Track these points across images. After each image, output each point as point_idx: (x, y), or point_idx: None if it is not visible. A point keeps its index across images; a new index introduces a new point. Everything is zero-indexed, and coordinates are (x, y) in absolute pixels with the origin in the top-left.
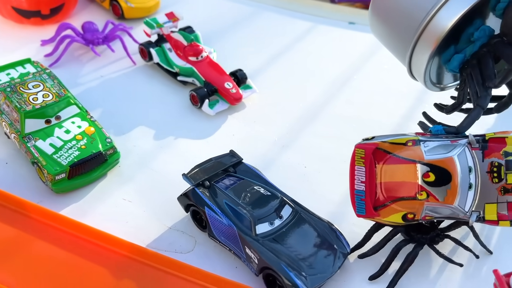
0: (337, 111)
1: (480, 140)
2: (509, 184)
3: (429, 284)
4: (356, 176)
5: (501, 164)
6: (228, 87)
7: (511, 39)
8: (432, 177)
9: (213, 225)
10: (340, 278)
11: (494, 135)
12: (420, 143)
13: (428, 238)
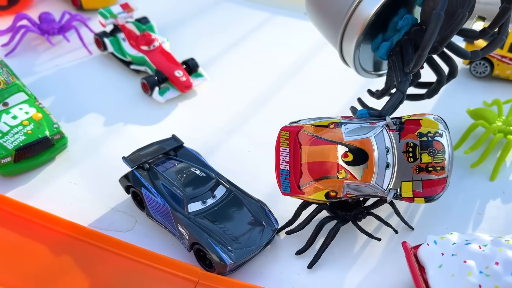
0: (286, 99)
1: (397, 122)
2: (423, 163)
3: (352, 258)
4: (281, 157)
5: (416, 144)
6: (178, 75)
7: (424, 25)
8: (350, 157)
9: (150, 204)
10: (270, 254)
11: (410, 117)
12: (342, 125)
13: (352, 215)
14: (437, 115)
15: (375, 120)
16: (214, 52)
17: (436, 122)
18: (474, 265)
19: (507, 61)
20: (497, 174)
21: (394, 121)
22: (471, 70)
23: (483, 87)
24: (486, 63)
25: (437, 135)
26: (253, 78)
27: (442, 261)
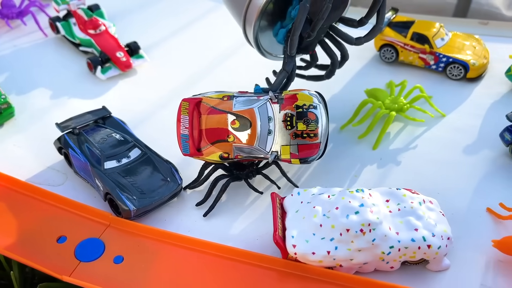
0: (218, 78)
1: (278, 96)
2: (299, 130)
3: (242, 209)
4: (182, 123)
5: (293, 115)
6: (119, 56)
7: (312, 16)
8: (237, 124)
9: (75, 163)
10: (175, 205)
11: (289, 92)
12: (233, 98)
13: (244, 174)
14: (315, 91)
15: (261, 95)
16: (158, 37)
17: (311, 96)
18: (320, 209)
19: (409, 49)
20: (378, 144)
21: (276, 95)
22: (381, 56)
23: (391, 71)
24: (392, 50)
25: (311, 107)
26: (191, 60)
27: (299, 207)
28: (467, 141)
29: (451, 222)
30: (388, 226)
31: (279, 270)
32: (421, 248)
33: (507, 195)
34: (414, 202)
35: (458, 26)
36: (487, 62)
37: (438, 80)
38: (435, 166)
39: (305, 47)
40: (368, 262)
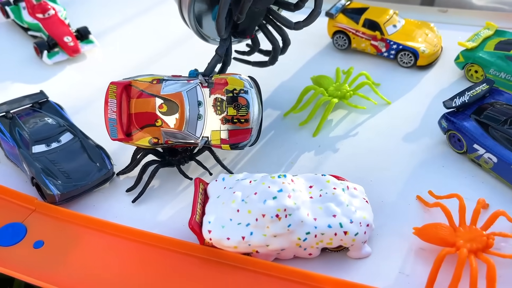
0: (167, 65)
1: (208, 80)
2: (229, 115)
3: (171, 196)
4: (109, 107)
5: (223, 99)
6: (67, 41)
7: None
8: (165, 108)
9: (4, 146)
10: (106, 191)
11: (219, 76)
12: (163, 82)
13: (176, 160)
14: (248, 75)
15: (192, 78)
16: (111, 23)
17: (241, 81)
18: (240, 195)
19: (361, 35)
20: (318, 131)
21: (206, 79)
22: (334, 43)
23: (344, 58)
24: (345, 37)
25: (242, 92)
26: (141, 46)
27: (221, 193)
28: (408, 129)
29: (380, 209)
30: (306, 212)
31: (197, 256)
32: (337, 234)
33: (440, 182)
34: (337, 188)
35: (418, 13)
36: (439, 50)
37: (390, 68)
38: (372, 153)
39: (242, 31)
40: (286, 249)
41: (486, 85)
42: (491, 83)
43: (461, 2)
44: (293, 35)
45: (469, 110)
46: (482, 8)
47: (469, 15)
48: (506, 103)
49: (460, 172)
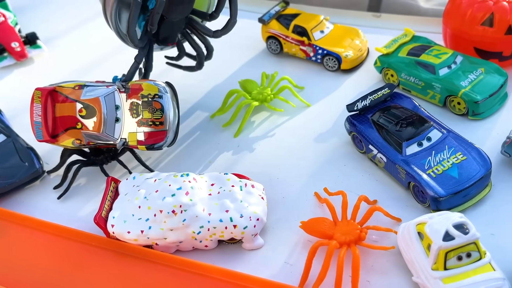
0: (109, 68)
1: (125, 86)
2: (144, 118)
3: (95, 192)
4: (35, 111)
5: (138, 103)
6: (14, 46)
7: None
8: (84, 112)
9: None
10: (36, 188)
11: (135, 82)
12: (84, 87)
13: (99, 159)
14: (166, 81)
15: (111, 84)
16: (62, 27)
17: (155, 86)
18: (143, 192)
19: (291, 41)
20: (239, 132)
21: (123, 84)
22: (268, 48)
23: (277, 62)
24: (277, 42)
25: (156, 97)
26: (88, 51)
27: (129, 190)
28: (321, 130)
29: (280, 205)
30: (202, 207)
31: (104, 248)
32: (228, 228)
33: (339, 180)
34: (235, 186)
35: (354, 18)
36: (363, 54)
37: (318, 71)
38: (284, 153)
39: (163, 40)
40: (183, 241)
41: (388, 89)
42: (392, 88)
43: (407, 7)
44: (233, 40)
45: (370, 113)
46: (427, 13)
47: (402, 20)
48: (403, 107)
49: (358, 170)
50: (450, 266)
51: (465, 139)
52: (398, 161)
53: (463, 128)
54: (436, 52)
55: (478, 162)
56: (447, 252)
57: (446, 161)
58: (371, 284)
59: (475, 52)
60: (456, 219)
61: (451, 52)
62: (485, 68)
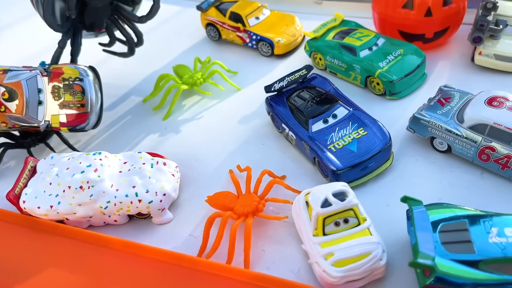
0: None
1: (47, 69)
2: (66, 101)
3: None
4: None
5: (60, 86)
6: None
7: None
8: (6, 95)
9: None
10: None
11: (57, 65)
12: (8, 72)
13: (26, 142)
14: (89, 65)
15: (33, 68)
16: (9, 18)
17: (76, 70)
18: (56, 170)
19: (227, 27)
20: (168, 115)
21: (45, 68)
22: (207, 35)
23: (217, 48)
24: (215, 29)
25: (77, 80)
26: (38, 40)
27: (44, 169)
28: (246, 112)
29: (195, 182)
30: (110, 183)
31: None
32: (133, 202)
33: (256, 158)
34: (146, 164)
35: (295, 5)
36: (296, 39)
37: (254, 57)
38: (208, 134)
39: (90, 26)
40: (93, 216)
41: (305, 70)
42: (309, 69)
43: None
44: (176, 27)
45: (286, 94)
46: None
47: (341, 6)
48: (318, 87)
49: (274, 149)
50: (328, 231)
51: (369, 116)
52: (304, 138)
53: (381, 107)
54: (359, 35)
55: (378, 137)
56: (324, 218)
57: (347, 136)
58: (265, 252)
59: (400, 35)
60: (337, 188)
61: (373, 34)
62: (404, 49)
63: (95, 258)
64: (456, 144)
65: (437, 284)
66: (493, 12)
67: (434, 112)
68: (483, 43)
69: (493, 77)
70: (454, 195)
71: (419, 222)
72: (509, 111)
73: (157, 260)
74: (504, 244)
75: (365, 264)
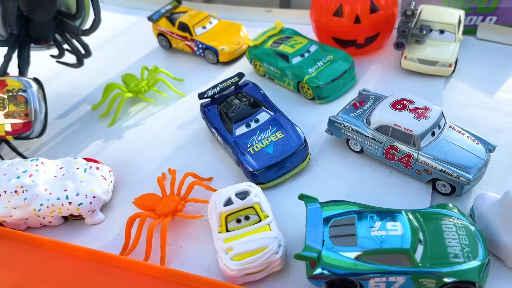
0: None
1: None
2: (10, 111)
3: None
4: None
5: (4, 98)
6: None
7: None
8: None
9: None
10: None
11: (1, 78)
12: None
13: None
14: (34, 77)
15: None
16: None
17: (19, 82)
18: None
19: (176, 37)
20: (114, 122)
21: None
22: (159, 44)
23: (167, 56)
24: (166, 39)
25: (20, 91)
26: None
27: None
28: (187, 117)
29: (129, 185)
30: (44, 187)
31: None
32: (64, 205)
33: (188, 162)
34: (79, 168)
35: (248, 14)
36: (241, 47)
37: (201, 64)
38: (148, 139)
39: (36, 39)
40: (29, 218)
41: (237, 78)
42: (241, 76)
43: None
44: (131, 37)
45: (219, 100)
46: None
47: (290, 14)
48: (248, 94)
49: (207, 152)
50: (231, 228)
51: (289, 120)
52: (229, 141)
53: (311, 111)
54: (292, 43)
55: (293, 140)
56: (227, 215)
57: (266, 139)
58: (183, 249)
59: (334, 42)
60: (241, 187)
61: (306, 41)
62: (334, 55)
63: (26, 258)
64: (366, 145)
65: (322, 275)
66: (413, 18)
67: (347, 115)
68: (408, 48)
69: (419, 80)
70: (362, 192)
71: (311, 217)
72: (410, 113)
73: (81, 258)
74: (383, 237)
75: (261, 258)
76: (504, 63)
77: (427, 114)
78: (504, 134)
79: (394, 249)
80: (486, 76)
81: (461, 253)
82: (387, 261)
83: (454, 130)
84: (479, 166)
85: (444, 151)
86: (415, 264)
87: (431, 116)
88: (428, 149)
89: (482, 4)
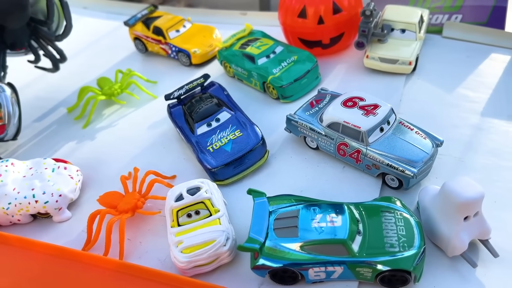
0: None
1: None
2: None
3: None
4: None
5: None
6: None
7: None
8: None
9: None
10: None
11: None
12: None
13: None
14: (8, 82)
15: None
16: None
17: None
18: None
19: (151, 41)
20: (88, 123)
21: None
22: (136, 48)
23: (144, 60)
24: (142, 43)
25: None
26: None
27: None
28: (157, 118)
29: (98, 183)
30: (13, 187)
31: None
32: (30, 203)
33: (154, 161)
34: (48, 168)
35: (223, 17)
36: (213, 50)
37: (175, 67)
38: (119, 140)
39: (11, 45)
40: None
41: (203, 79)
42: (206, 77)
43: None
44: (109, 42)
45: (184, 101)
46: None
47: (263, 17)
48: (213, 94)
49: (172, 151)
50: (182, 222)
51: (248, 119)
52: (191, 140)
53: (275, 110)
54: (259, 44)
55: (251, 138)
56: (178, 210)
57: (225, 138)
58: (142, 244)
59: (301, 43)
60: (193, 184)
61: (272, 43)
62: (298, 55)
63: None
64: (320, 142)
65: (264, 265)
66: (373, 18)
67: (303, 113)
68: (370, 47)
69: (381, 79)
70: (314, 187)
71: (257, 211)
72: (359, 110)
73: (45, 253)
74: (323, 229)
75: (209, 250)
76: (467, 61)
77: (376, 111)
78: (460, 130)
79: (332, 239)
80: (449, 74)
81: (397, 243)
82: (327, 252)
83: (403, 126)
84: (424, 160)
85: (392, 146)
86: (353, 254)
87: (380, 113)
88: (376, 145)
89: (448, 3)
